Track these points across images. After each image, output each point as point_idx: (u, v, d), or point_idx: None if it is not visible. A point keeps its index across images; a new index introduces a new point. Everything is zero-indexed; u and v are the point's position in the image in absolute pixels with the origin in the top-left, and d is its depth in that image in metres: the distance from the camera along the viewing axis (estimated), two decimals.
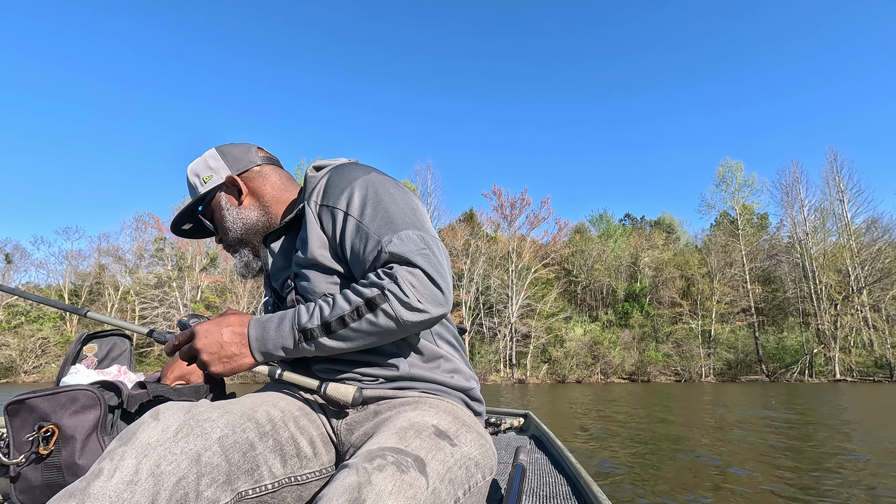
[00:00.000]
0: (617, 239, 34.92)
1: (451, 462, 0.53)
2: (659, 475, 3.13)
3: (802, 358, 25.39)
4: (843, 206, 29.04)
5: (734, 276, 30.45)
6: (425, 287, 0.60)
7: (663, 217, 41.50)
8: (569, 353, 27.32)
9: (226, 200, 0.79)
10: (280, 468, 0.57)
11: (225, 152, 0.80)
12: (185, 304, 29.16)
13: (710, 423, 6.16)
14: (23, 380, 27.78)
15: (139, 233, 32.95)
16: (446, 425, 0.59)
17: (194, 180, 0.80)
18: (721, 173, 33.31)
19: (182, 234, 0.87)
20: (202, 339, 0.61)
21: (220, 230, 0.80)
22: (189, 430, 0.51)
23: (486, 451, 0.61)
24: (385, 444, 0.50)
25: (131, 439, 0.48)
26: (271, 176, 0.81)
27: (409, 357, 0.68)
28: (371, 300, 0.59)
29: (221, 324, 0.62)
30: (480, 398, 0.74)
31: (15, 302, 31.44)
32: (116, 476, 0.45)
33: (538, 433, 1.60)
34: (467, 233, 32.24)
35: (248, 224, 0.78)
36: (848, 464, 3.43)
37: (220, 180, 0.78)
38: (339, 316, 0.60)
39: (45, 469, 0.63)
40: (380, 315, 0.59)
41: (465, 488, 0.53)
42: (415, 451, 0.50)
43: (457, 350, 0.74)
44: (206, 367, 0.61)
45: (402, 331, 0.61)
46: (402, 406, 0.64)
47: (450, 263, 0.66)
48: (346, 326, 0.60)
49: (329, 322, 0.60)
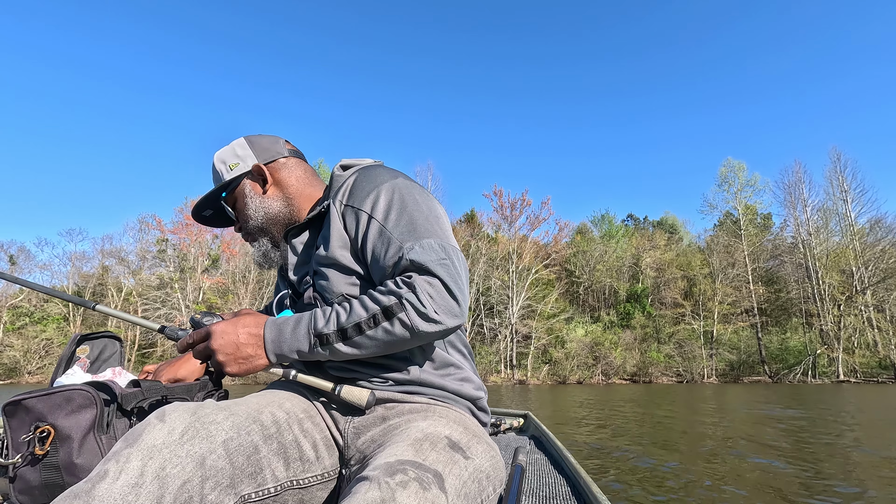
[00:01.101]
0: (619, 239, 34.84)
1: (466, 476, 0.53)
2: (660, 475, 3.12)
3: (805, 359, 25.24)
4: (847, 205, 28.92)
5: (736, 276, 30.32)
6: (442, 298, 0.60)
7: (666, 217, 41.41)
8: (569, 354, 27.25)
9: (250, 188, 0.79)
10: (283, 471, 0.57)
11: (253, 142, 0.81)
12: (187, 306, 29.24)
13: (711, 423, 6.14)
14: (27, 380, 27.91)
15: (142, 234, 33.17)
16: (458, 436, 0.59)
17: (220, 167, 0.80)
18: (723, 173, 33.25)
19: (202, 220, 0.87)
20: (218, 340, 0.61)
21: (242, 218, 0.80)
22: (195, 433, 0.50)
23: (496, 463, 0.61)
24: (403, 457, 0.50)
25: (137, 441, 0.48)
26: (296, 169, 0.82)
27: (420, 362, 0.68)
28: (388, 308, 0.59)
29: (238, 324, 0.63)
30: (487, 408, 0.74)
31: (19, 303, 31.62)
32: (122, 478, 0.45)
33: (538, 433, 1.60)
34: (468, 234, 32.22)
35: (270, 213, 0.78)
36: (856, 466, 3.41)
37: (247, 168, 0.79)
38: (356, 322, 0.60)
39: (44, 469, 0.64)
40: (396, 324, 0.59)
41: (477, 502, 0.54)
42: (432, 465, 0.50)
43: (467, 359, 0.74)
44: (221, 366, 0.62)
45: (417, 340, 0.61)
46: (412, 413, 0.64)
47: (468, 274, 0.66)
48: (362, 333, 0.60)
49: (346, 328, 0.60)
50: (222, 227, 0.90)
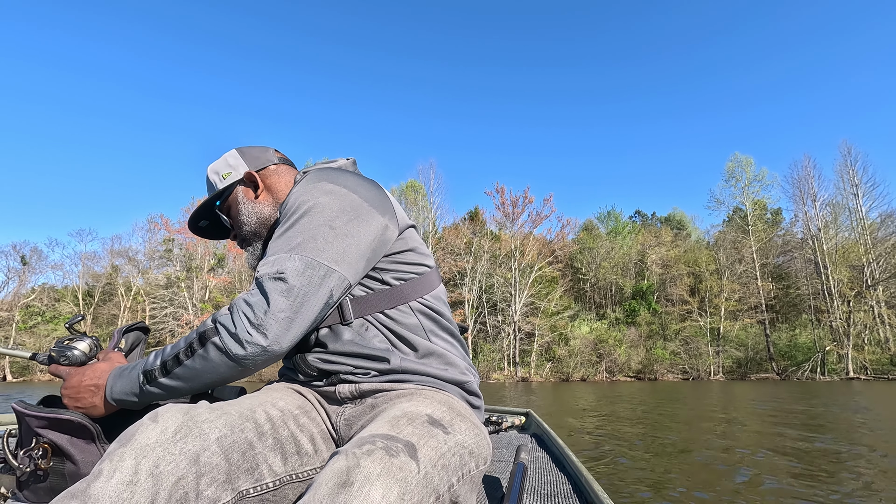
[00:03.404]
0: (625, 236, 34.55)
1: (445, 449, 0.53)
2: (661, 474, 3.11)
3: (814, 356, 24.91)
4: (858, 200, 28.40)
5: (744, 272, 29.98)
6: (259, 317, 0.57)
7: (674, 213, 40.98)
8: (573, 352, 27.16)
9: (242, 195, 0.82)
10: (281, 466, 0.57)
11: (244, 152, 0.84)
12: (193, 304, 29.57)
13: (716, 420, 6.09)
14: (38, 378, 28.44)
15: (151, 234, 33.53)
16: (440, 414, 0.59)
17: (214, 178, 0.83)
18: (730, 168, 32.80)
19: (198, 231, 0.89)
20: (66, 385, 0.65)
21: (236, 224, 0.83)
22: (187, 431, 0.51)
23: (481, 440, 0.61)
24: (376, 432, 0.51)
25: (130, 441, 0.49)
26: (285, 175, 0.84)
27: (400, 351, 0.68)
28: (203, 334, 0.58)
29: (85, 375, 0.65)
30: (478, 392, 0.74)
31: (31, 302, 32.17)
32: (116, 477, 0.45)
33: (539, 432, 1.59)
34: (471, 231, 32.16)
35: (262, 217, 0.81)
36: (867, 464, 3.37)
37: (239, 176, 0.82)
38: (175, 354, 0.59)
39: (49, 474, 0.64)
40: (210, 349, 0.58)
41: (458, 475, 0.53)
42: (406, 437, 0.50)
43: (452, 345, 0.74)
44: (66, 405, 0.65)
45: (239, 366, 0.58)
46: (398, 398, 0.64)
47: (327, 299, 0.61)
48: (180, 364, 0.59)
49: (167, 361, 0.60)
50: (217, 238, 0.91)
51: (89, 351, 0.71)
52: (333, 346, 0.67)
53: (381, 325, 0.69)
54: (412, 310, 0.71)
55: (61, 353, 0.70)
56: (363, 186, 0.71)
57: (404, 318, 0.70)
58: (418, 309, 0.71)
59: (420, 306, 0.72)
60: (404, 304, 0.70)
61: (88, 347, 0.71)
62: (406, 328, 0.70)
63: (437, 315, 0.73)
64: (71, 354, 0.70)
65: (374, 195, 0.71)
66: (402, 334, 0.69)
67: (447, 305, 0.78)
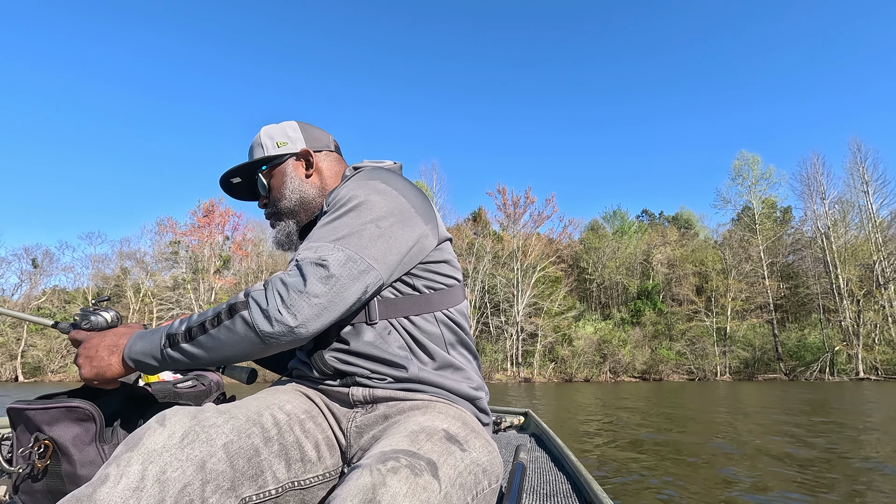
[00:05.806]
0: (631, 236, 34.29)
1: (462, 467, 0.53)
2: (661, 475, 3.09)
3: (823, 356, 24.53)
4: (869, 197, 27.92)
5: (750, 272, 29.62)
6: (293, 297, 0.56)
7: (681, 213, 40.61)
8: (576, 352, 26.98)
9: (292, 169, 0.81)
10: (284, 473, 0.57)
11: (305, 128, 0.84)
12: (199, 306, 29.83)
13: (720, 422, 6.03)
14: (49, 379, 28.85)
15: (160, 237, 33.89)
16: (456, 430, 0.59)
17: (267, 142, 0.82)
18: (737, 167, 32.39)
19: (227, 187, 0.86)
20: (84, 346, 0.64)
21: (277, 195, 0.81)
22: (195, 437, 0.50)
23: (494, 458, 0.61)
24: (397, 447, 0.50)
25: (137, 445, 0.48)
26: (336, 165, 0.85)
27: (418, 359, 0.68)
28: (233, 305, 0.58)
29: (107, 334, 0.64)
30: (487, 410, 0.74)
31: (42, 304, 32.68)
32: (122, 482, 0.45)
33: (538, 431, 1.59)
34: (474, 232, 32.10)
35: (305, 198, 0.80)
36: (881, 477, 3.32)
37: (295, 150, 0.82)
38: (202, 322, 0.59)
39: (47, 476, 0.64)
40: (237, 322, 0.57)
41: (473, 494, 0.53)
42: (427, 454, 0.50)
43: (468, 361, 0.74)
44: (79, 368, 0.63)
45: (263, 343, 0.57)
46: (412, 411, 0.64)
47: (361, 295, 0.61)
48: (205, 332, 0.58)
49: (192, 327, 0.59)
50: (245, 199, 0.89)
51: (112, 320, 0.70)
52: (354, 346, 0.67)
53: (403, 330, 0.69)
54: (436, 319, 0.71)
55: (84, 317, 0.68)
56: (412, 192, 0.72)
57: (427, 326, 0.70)
58: (442, 320, 0.71)
59: (444, 317, 0.72)
60: (429, 313, 0.70)
61: (112, 317, 0.70)
62: (427, 336, 0.70)
63: (459, 329, 0.73)
64: (94, 319, 0.68)
65: (421, 202, 0.71)
66: (422, 342, 0.69)
67: (469, 322, 0.78)
